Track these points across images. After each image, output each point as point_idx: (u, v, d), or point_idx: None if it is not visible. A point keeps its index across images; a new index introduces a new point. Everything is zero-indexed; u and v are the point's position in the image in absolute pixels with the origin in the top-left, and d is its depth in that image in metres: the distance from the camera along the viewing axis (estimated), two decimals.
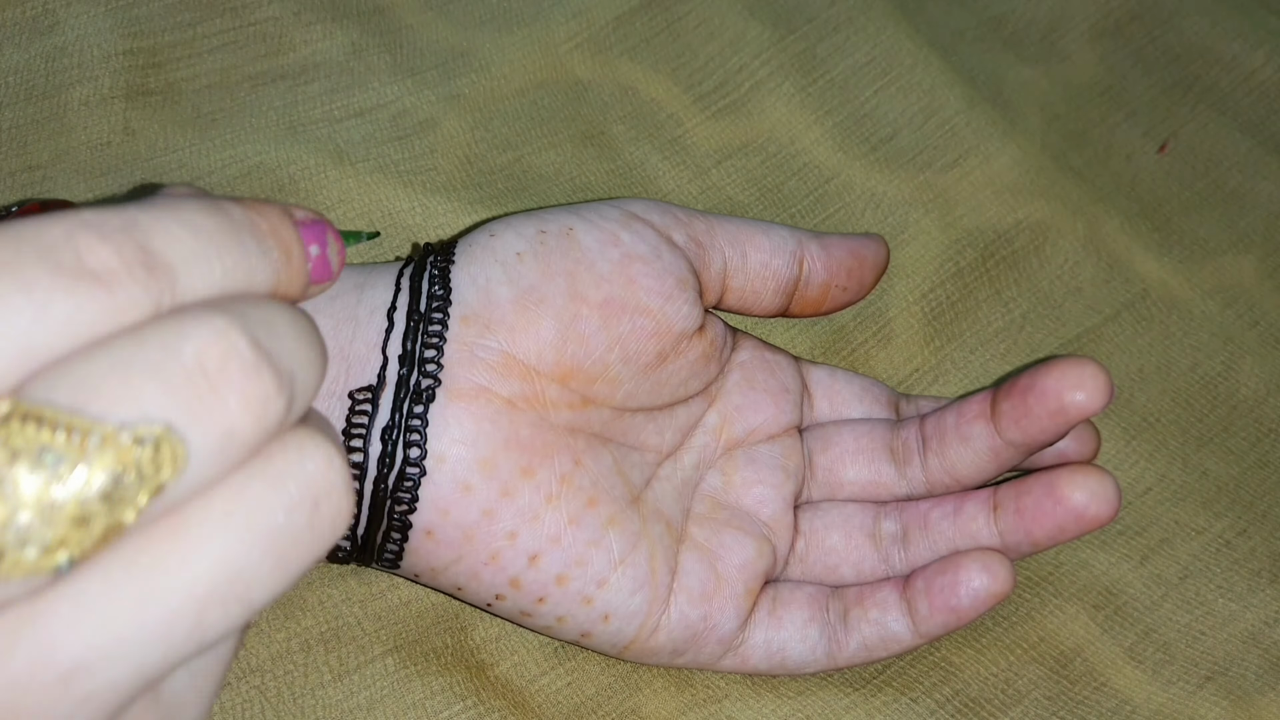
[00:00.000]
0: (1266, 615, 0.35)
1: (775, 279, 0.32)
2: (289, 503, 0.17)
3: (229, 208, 0.18)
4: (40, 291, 0.15)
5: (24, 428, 0.15)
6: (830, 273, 0.33)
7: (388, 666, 0.31)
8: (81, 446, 0.15)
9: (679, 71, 0.43)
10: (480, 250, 0.30)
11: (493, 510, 0.28)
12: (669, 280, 0.30)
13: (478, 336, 0.28)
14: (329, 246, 0.20)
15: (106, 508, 0.15)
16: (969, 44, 0.46)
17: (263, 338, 0.17)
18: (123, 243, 0.16)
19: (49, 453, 0.15)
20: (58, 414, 0.15)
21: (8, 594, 0.15)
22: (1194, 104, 0.47)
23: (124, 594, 0.16)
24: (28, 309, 0.15)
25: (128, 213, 0.17)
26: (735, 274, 0.32)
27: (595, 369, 0.29)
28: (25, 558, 0.15)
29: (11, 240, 0.16)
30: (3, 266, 0.15)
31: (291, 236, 0.19)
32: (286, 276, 0.19)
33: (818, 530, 0.33)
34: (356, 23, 0.42)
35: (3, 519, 0.15)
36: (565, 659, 0.32)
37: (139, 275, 0.16)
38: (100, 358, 0.16)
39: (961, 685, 0.33)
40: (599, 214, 0.31)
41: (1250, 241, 0.43)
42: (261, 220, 0.18)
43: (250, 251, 0.18)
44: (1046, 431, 0.31)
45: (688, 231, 0.31)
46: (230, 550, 0.16)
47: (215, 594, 0.16)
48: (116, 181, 0.37)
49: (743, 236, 0.32)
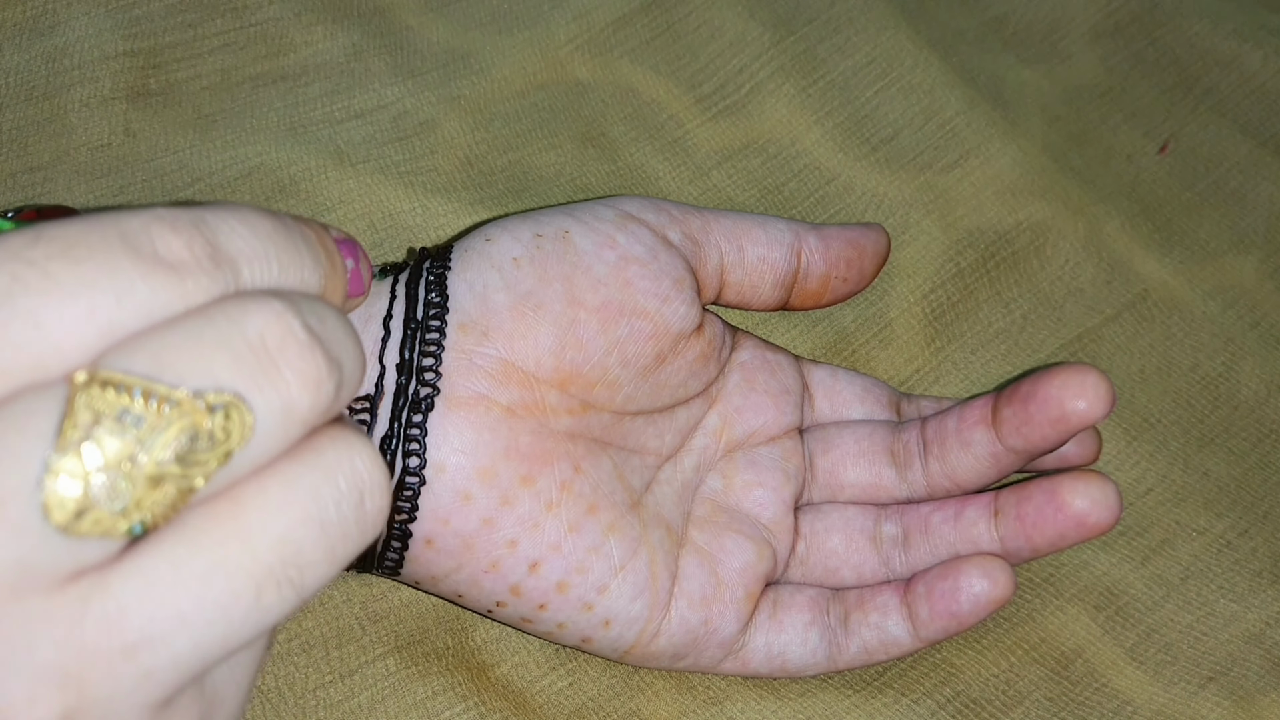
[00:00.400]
0: (1268, 616, 0.35)
1: (773, 272, 0.32)
2: (339, 495, 0.18)
3: (282, 215, 0.19)
4: (123, 276, 0.17)
5: (104, 392, 0.16)
6: (829, 264, 0.33)
7: (389, 667, 0.31)
8: (159, 410, 0.16)
9: (679, 73, 0.43)
10: (476, 256, 0.30)
11: (493, 519, 0.28)
12: (665, 281, 0.30)
13: (476, 344, 0.28)
14: (361, 263, 0.21)
15: (180, 470, 0.16)
16: (969, 45, 0.46)
17: (315, 324, 0.18)
18: (193, 236, 0.17)
19: (129, 414, 0.16)
20: (136, 380, 0.16)
21: (84, 557, 0.16)
22: (1195, 105, 0.47)
23: (189, 570, 0.17)
24: (111, 291, 0.16)
25: (196, 211, 0.18)
26: (733, 269, 0.32)
27: (594, 373, 0.29)
28: (105, 516, 0.16)
29: (97, 228, 0.17)
30: (91, 251, 0.16)
31: (334, 248, 0.20)
32: (331, 283, 0.20)
33: (818, 533, 0.32)
34: (357, 24, 0.42)
35: (85, 477, 0.16)
36: (566, 660, 0.32)
37: (207, 266, 0.17)
38: (173, 332, 0.17)
39: (963, 686, 0.33)
40: (594, 215, 0.31)
41: (1251, 242, 0.43)
42: (310, 230, 0.20)
43: (303, 254, 0.19)
44: (1048, 439, 0.30)
45: (683, 229, 0.31)
46: (289, 533, 0.17)
47: (273, 574, 0.17)
48: (117, 182, 0.37)
49: (739, 231, 0.32)
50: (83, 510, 0.16)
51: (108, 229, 0.17)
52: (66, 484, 0.16)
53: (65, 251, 0.16)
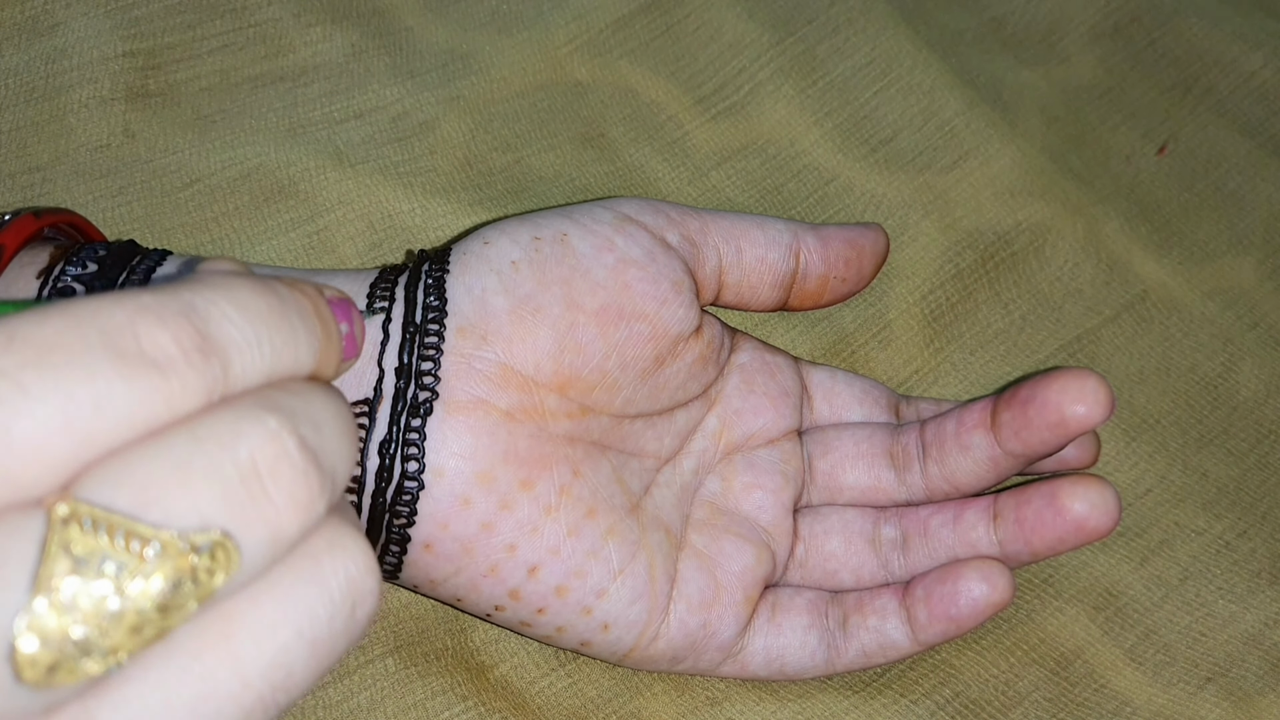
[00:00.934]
0: (1267, 616, 0.35)
1: (772, 273, 0.32)
2: (332, 607, 0.17)
3: (276, 286, 0.18)
4: (103, 381, 0.15)
5: (84, 535, 0.15)
6: (828, 264, 0.33)
7: (388, 667, 0.31)
8: (141, 555, 0.15)
9: (679, 74, 0.43)
10: (475, 259, 0.29)
11: (491, 523, 0.28)
12: (664, 284, 0.30)
13: (474, 348, 0.28)
14: (355, 324, 0.20)
15: (160, 618, 0.16)
16: (968, 46, 0.46)
17: (309, 436, 0.17)
18: (181, 328, 0.16)
19: (109, 561, 0.15)
20: (117, 519, 0.15)
21: (61, 697, 0.15)
22: (1193, 106, 0.47)
23: (178, 698, 0.16)
24: (89, 399, 0.15)
25: (184, 295, 0.17)
26: (731, 270, 0.32)
27: (593, 377, 0.29)
28: (81, 667, 0.15)
29: (74, 323, 0.16)
30: (66, 352, 0.15)
31: (329, 315, 0.19)
32: (325, 355, 0.19)
33: (817, 535, 0.32)
34: (356, 25, 0.42)
35: (61, 629, 0.15)
36: (566, 662, 0.32)
37: (195, 361, 0.16)
38: (158, 457, 0.16)
39: (962, 687, 0.33)
40: (592, 218, 0.30)
41: (1250, 243, 0.43)
42: (305, 299, 0.19)
43: (297, 331, 0.18)
44: (1046, 443, 0.30)
45: (681, 231, 0.31)
46: (280, 655, 0.17)
47: (262, 700, 0.17)
48: (116, 183, 0.37)
49: (737, 232, 0.32)
50: (56, 665, 0.15)
51: (88, 326, 0.16)
52: (39, 639, 0.15)
53: (40, 358, 0.15)
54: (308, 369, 0.18)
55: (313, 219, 0.37)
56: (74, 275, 0.28)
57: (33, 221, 0.28)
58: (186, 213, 0.37)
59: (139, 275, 0.28)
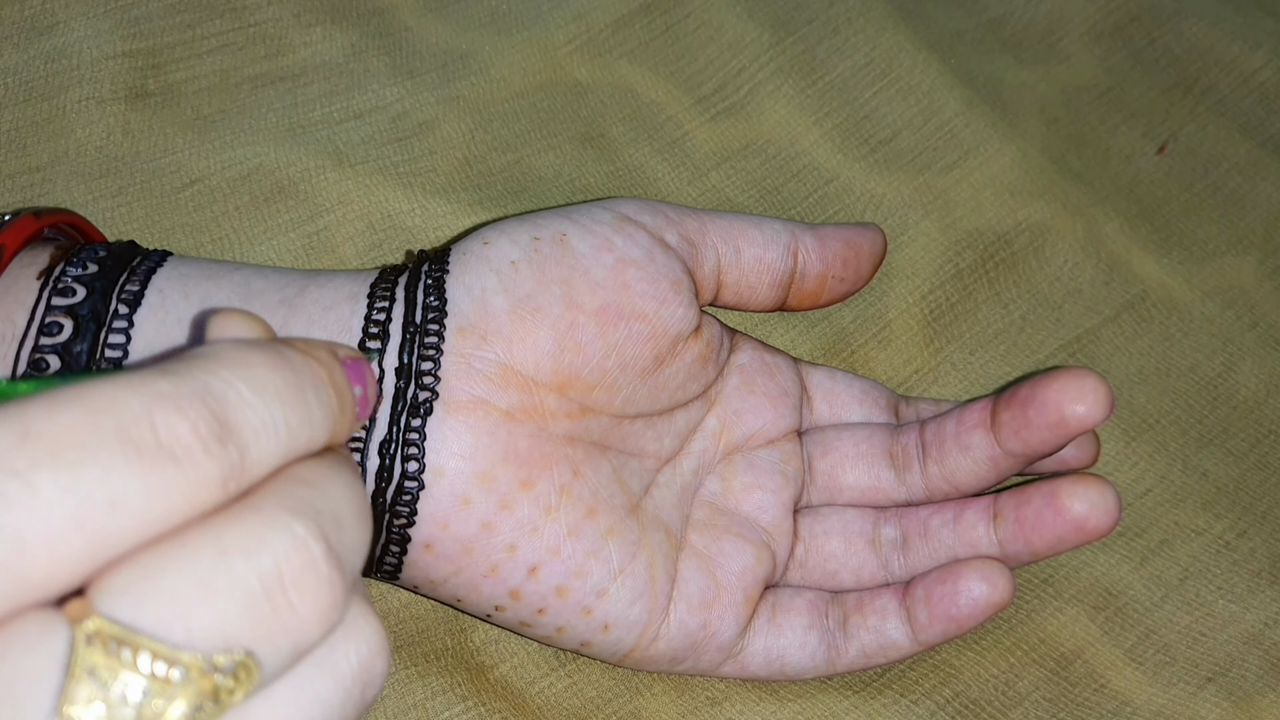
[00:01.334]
0: (1267, 616, 0.35)
1: (770, 272, 0.32)
2: (345, 693, 0.18)
3: (290, 357, 0.18)
4: (117, 477, 0.15)
5: (108, 657, 0.15)
6: (826, 263, 0.33)
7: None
8: (166, 679, 0.15)
9: (678, 74, 0.43)
10: (475, 259, 0.29)
11: (492, 523, 0.28)
12: (663, 284, 0.30)
13: (474, 348, 0.28)
14: (368, 386, 0.20)
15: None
16: (968, 46, 0.46)
17: (333, 537, 0.17)
18: (198, 415, 0.16)
19: (133, 685, 0.15)
20: (142, 640, 0.15)
21: None
22: (1193, 105, 0.47)
23: None
24: (104, 498, 0.15)
25: (200, 378, 0.17)
26: (729, 270, 0.32)
27: (593, 376, 0.29)
28: None
29: (88, 414, 0.15)
30: (81, 448, 0.15)
31: (343, 381, 0.19)
32: (339, 425, 0.19)
33: (817, 536, 0.32)
34: (356, 25, 0.42)
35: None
36: (566, 662, 0.32)
37: (214, 450, 0.16)
38: (181, 568, 0.16)
39: (962, 687, 0.33)
40: (591, 218, 0.31)
41: (1250, 243, 0.43)
42: (320, 369, 0.19)
43: (312, 407, 0.18)
44: (1046, 443, 0.30)
45: (680, 231, 0.31)
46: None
47: None
48: (116, 183, 0.37)
49: (735, 231, 0.32)
50: None
51: (103, 418, 0.15)
52: None
53: (53, 456, 0.15)
54: (322, 442, 0.18)
55: (312, 219, 0.37)
56: (74, 276, 0.28)
57: (33, 222, 0.28)
58: (186, 213, 0.37)
59: (139, 276, 0.28)
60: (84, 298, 0.27)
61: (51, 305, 0.27)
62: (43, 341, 0.27)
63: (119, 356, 0.27)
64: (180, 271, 0.29)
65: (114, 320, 0.27)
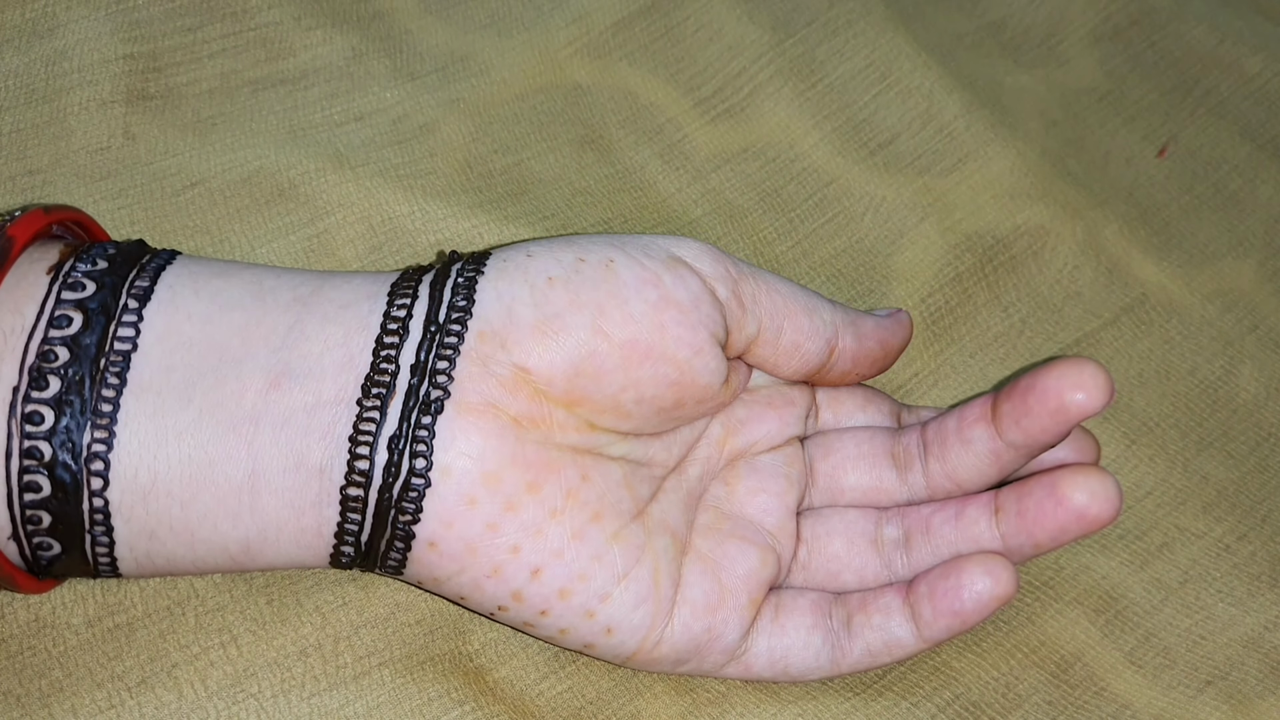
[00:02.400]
0: (1267, 619, 0.35)
1: (802, 360, 0.32)
2: None
3: None
4: None
5: None
6: (856, 362, 0.33)
7: (384, 675, 0.31)
8: None
9: (678, 76, 0.43)
10: (514, 268, 0.29)
11: (496, 524, 0.28)
12: (702, 333, 0.29)
13: (493, 353, 0.28)
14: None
15: None
16: (968, 49, 0.46)
17: None
18: None
19: None
20: None
21: None
22: (1193, 108, 0.47)
23: None
24: None
25: None
26: (765, 345, 0.32)
27: (605, 403, 0.29)
28: None
29: None
30: None
31: None
32: None
33: (820, 537, 0.32)
34: (356, 28, 0.42)
35: None
36: (566, 664, 0.32)
37: None
38: None
39: (962, 690, 0.33)
40: (644, 251, 0.30)
41: (1250, 246, 0.43)
42: None
43: None
44: (1048, 431, 0.30)
45: (733, 290, 0.31)
46: None
47: None
48: (116, 185, 0.37)
49: (785, 311, 0.31)
50: None
51: None
52: None
53: None
54: None
55: (313, 222, 0.37)
56: (84, 271, 0.28)
57: (42, 216, 0.28)
58: (187, 215, 0.37)
59: (149, 272, 0.28)
60: (94, 292, 0.27)
61: (61, 299, 0.27)
62: (52, 334, 0.27)
63: (128, 349, 0.27)
64: (190, 269, 0.29)
65: (124, 314, 0.27)
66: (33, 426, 0.26)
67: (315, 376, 0.28)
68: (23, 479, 0.26)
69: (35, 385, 0.26)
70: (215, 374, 0.28)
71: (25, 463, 0.26)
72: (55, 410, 0.26)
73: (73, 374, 0.27)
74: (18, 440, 0.26)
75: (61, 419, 0.26)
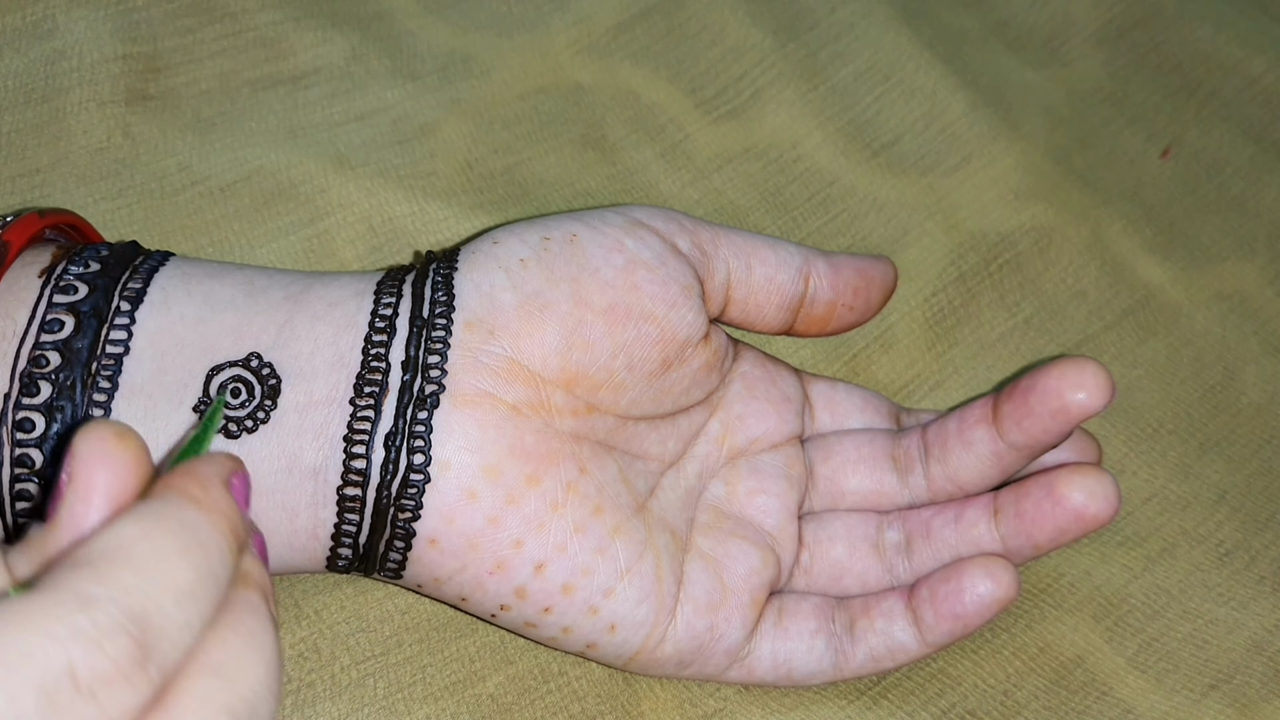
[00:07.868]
0: (1269, 623, 0.35)
1: (780, 294, 0.32)
2: None
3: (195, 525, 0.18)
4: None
5: None
6: (837, 291, 0.33)
7: (377, 686, 0.31)
8: None
9: (680, 77, 0.43)
10: (484, 257, 0.30)
11: (498, 518, 0.28)
12: (673, 287, 0.30)
13: (482, 342, 0.28)
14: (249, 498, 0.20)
15: None
16: (972, 49, 0.46)
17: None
18: (119, 650, 0.16)
19: None
20: None
21: None
22: (1197, 109, 0.46)
23: None
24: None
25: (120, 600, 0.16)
26: (739, 285, 0.32)
27: (600, 375, 0.29)
28: None
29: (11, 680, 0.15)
30: None
31: (238, 519, 0.19)
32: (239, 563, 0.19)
33: (822, 542, 0.32)
34: (356, 28, 0.41)
35: None
36: (563, 670, 0.32)
37: (134, 677, 0.16)
38: None
39: (961, 696, 0.33)
40: (603, 221, 0.31)
41: (1253, 248, 0.43)
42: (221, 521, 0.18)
43: (218, 574, 0.18)
44: (1049, 431, 0.30)
45: (693, 239, 0.31)
46: None
47: None
48: (116, 185, 0.37)
49: (748, 248, 0.32)
50: None
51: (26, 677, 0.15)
52: None
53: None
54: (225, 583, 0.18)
55: (313, 222, 0.37)
56: (76, 274, 0.28)
57: (37, 220, 0.28)
58: (186, 215, 0.37)
59: (141, 274, 0.28)
60: (86, 295, 0.27)
61: (53, 302, 0.27)
62: (43, 338, 0.27)
63: (120, 352, 0.27)
64: (183, 270, 0.29)
65: (116, 317, 0.27)
66: (24, 434, 0.26)
67: (306, 376, 0.28)
68: (14, 487, 0.26)
69: (26, 392, 0.26)
70: (207, 375, 0.27)
71: (16, 471, 0.26)
72: (46, 417, 0.26)
73: (64, 379, 0.26)
74: (9, 448, 0.26)
75: (53, 425, 0.26)
